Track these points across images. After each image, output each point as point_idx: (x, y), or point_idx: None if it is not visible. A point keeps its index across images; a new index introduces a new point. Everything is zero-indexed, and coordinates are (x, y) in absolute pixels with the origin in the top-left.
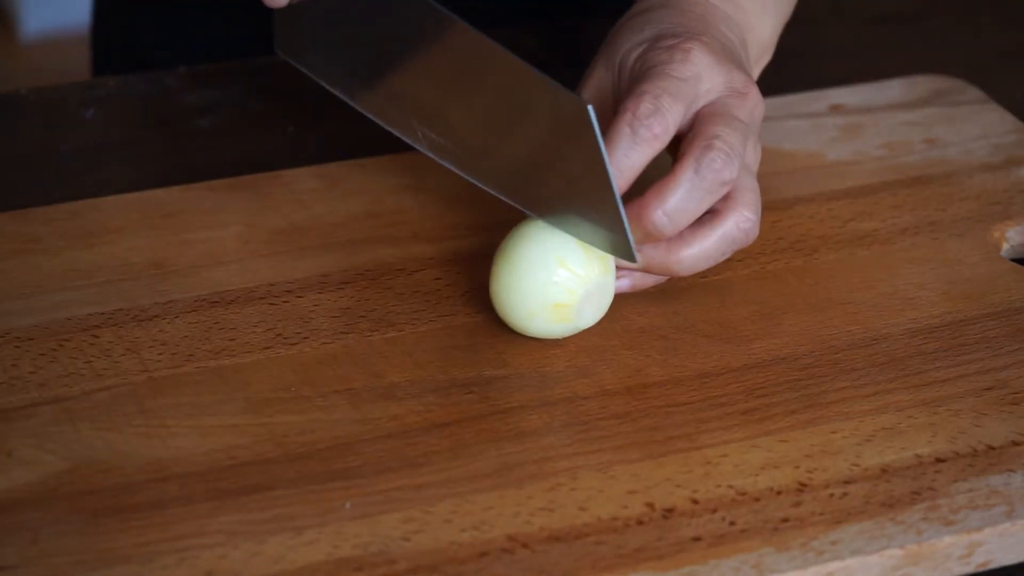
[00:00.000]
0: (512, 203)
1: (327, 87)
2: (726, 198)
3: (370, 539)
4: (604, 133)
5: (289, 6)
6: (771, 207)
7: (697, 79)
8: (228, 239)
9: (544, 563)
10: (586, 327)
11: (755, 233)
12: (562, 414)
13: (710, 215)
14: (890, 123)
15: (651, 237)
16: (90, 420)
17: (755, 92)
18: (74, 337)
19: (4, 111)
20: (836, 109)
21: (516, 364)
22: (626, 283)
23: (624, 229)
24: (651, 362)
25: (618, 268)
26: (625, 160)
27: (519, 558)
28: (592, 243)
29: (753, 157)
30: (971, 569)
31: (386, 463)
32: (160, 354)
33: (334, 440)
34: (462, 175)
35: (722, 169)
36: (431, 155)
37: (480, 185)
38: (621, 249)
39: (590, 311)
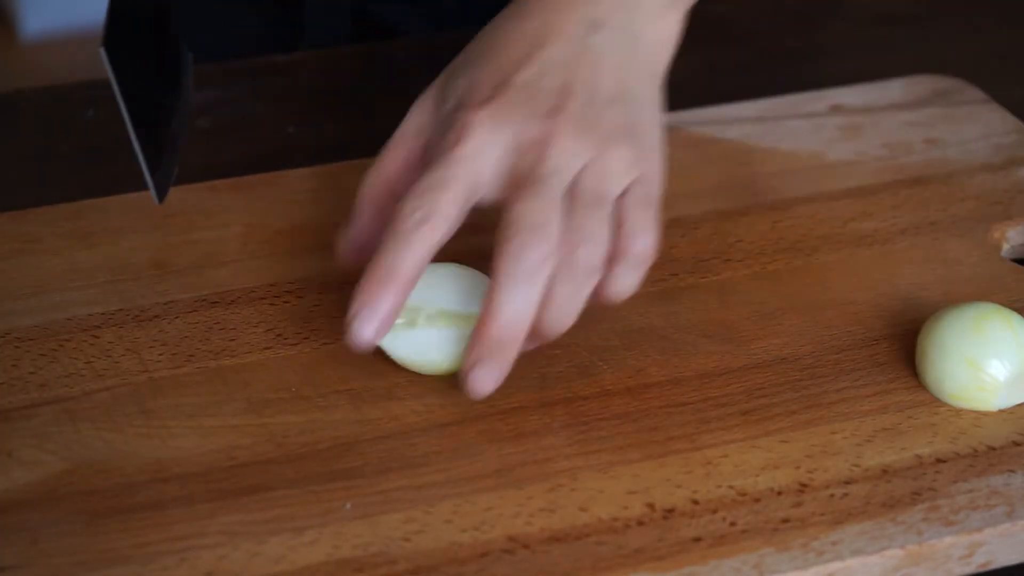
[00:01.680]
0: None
1: None
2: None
3: (370, 539)
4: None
5: None
6: (771, 207)
7: (474, 155)
8: (228, 239)
9: (544, 564)
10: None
11: (597, 249)
12: (562, 414)
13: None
14: (890, 123)
15: (511, 345)
16: (90, 420)
17: (557, 131)
18: (74, 337)
19: (4, 111)
20: (836, 109)
21: (516, 364)
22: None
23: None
24: (651, 362)
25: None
26: (397, 260)
27: (519, 559)
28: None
29: (597, 176)
30: (972, 569)
31: (386, 463)
32: (160, 354)
33: (334, 440)
34: None
35: (530, 252)
36: None
37: None
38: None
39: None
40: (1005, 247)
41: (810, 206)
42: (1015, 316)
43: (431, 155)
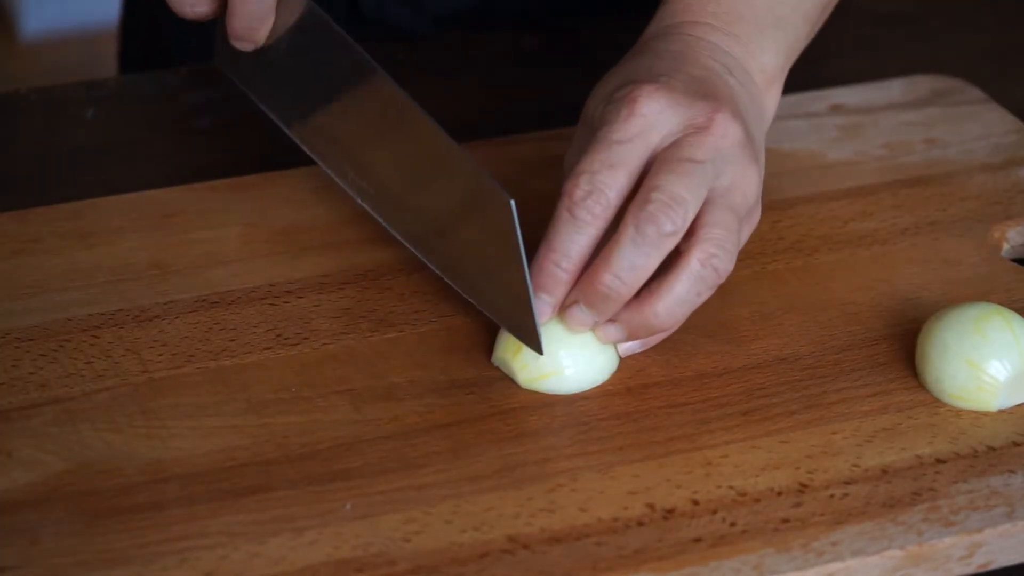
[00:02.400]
0: (429, 264)
1: (264, 109)
2: (690, 236)
3: (371, 540)
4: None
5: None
6: (771, 207)
7: (644, 132)
8: (228, 239)
9: (544, 564)
10: None
11: (726, 266)
12: (562, 415)
13: (676, 258)
14: (890, 123)
15: (610, 300)
16: (90, 421)
17: (722, 117)
18: (74, 337)
19: (4, 111)
20: (836, 109)
21: None
22: (636, 345)
23: (535, 325)
24: (651, 362)
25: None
26: (570, 245)
27: (520, 559)
28: (506, 326)
29: (743, 185)
30: (972, 570)
31: (386, 464)
32: (160, 355)
33: (335, 441)
34: (384, 224)
35: (662, 222)
36: (357, 199)
37: (401, 239)
38: (530, 340)
39: None
40: (1005, 247)
41: (810, 206)
42: (1015, 316)
43: (601, 129)
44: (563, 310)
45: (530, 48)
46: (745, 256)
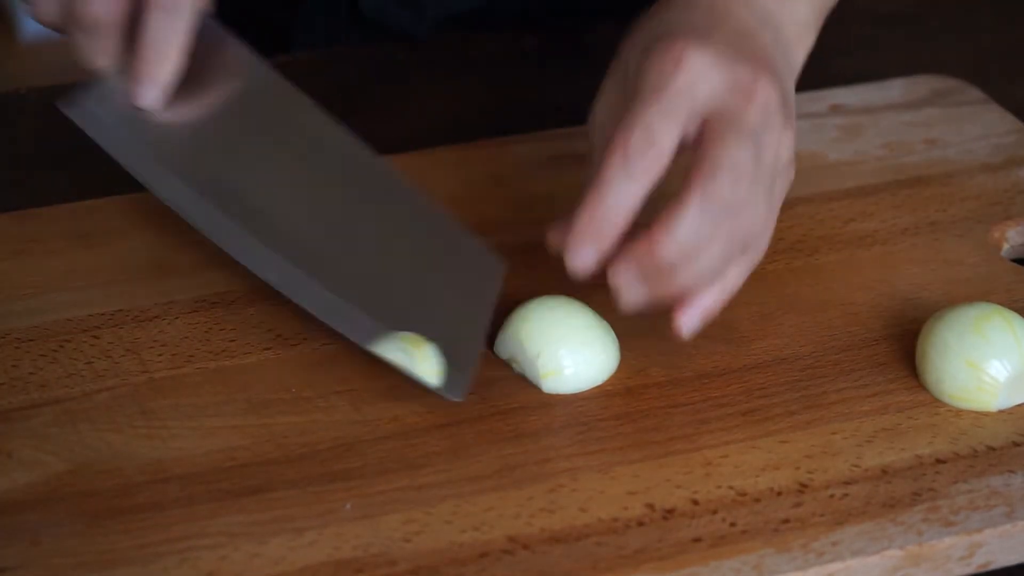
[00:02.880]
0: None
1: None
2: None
3: (371, 540)
4: (597, 166)
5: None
6: None
7: (693, 86)
8: None
9: (544, 564)
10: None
11: (732, 194)
12: (562, 415)
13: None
14: (890, 123)
15: (662, 275)
16: (90, 421)
17: (764, 82)
18: (74, 338)
19: (4, 111)
20: (836, 109)
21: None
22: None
23: (470, 366)
24: (651, 362)
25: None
26: (623, 196)
27: (520, 559)
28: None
29: (777, 149)
30: (971, 570)
31: (386, 464)
32: (160, 355)
33: (335, 441)
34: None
35: (728, 191)
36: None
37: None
38: (450, 386)
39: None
40: (1005, 247)
41: (810, 206)
42: (1015, 316)
43: (643, 82)
44: (612, 274)
45: (530, 48)
46: None
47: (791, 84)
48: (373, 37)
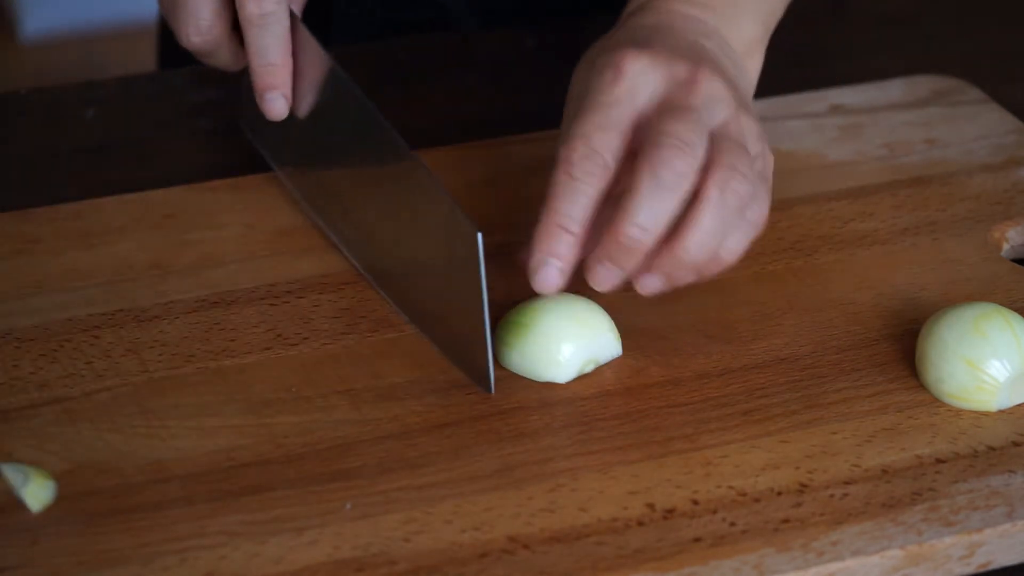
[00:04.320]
0: (397, 309)
1: (274, 167)
2: (706, 171)
3: (371, 540)
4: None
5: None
6: (771, 207)
7: (632, 92)
8: (228, 239)
9: (545, 564)
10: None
11: (746, 188)
12: (562, 415)
13: (694, 199)
14: (890, 123)
15: (634, 252)
16: (90, 421)
17: (705, 74)
18: (74, 338)
19: (4, 111)
20: (836, 109)
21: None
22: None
23: (487, 359)
24: (651, 362)
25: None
26: (572, 206)
27: (520, 559)
28: (454, 360)
29: (732, 124)
30: (971, 570)
31: (386, 464)
32: (160, 355)
33: (335, 441)
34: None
35: (676, 163)
36: (343, 249)
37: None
38: (479, 376)
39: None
40: (1005, 247)
41: (810, 206)
42: (1015, 316)
43: (586, 96)
44: (587, 271)
45: (531, 47)
46: (745, 256)
47: (745, 88)
48: (373, 36)
